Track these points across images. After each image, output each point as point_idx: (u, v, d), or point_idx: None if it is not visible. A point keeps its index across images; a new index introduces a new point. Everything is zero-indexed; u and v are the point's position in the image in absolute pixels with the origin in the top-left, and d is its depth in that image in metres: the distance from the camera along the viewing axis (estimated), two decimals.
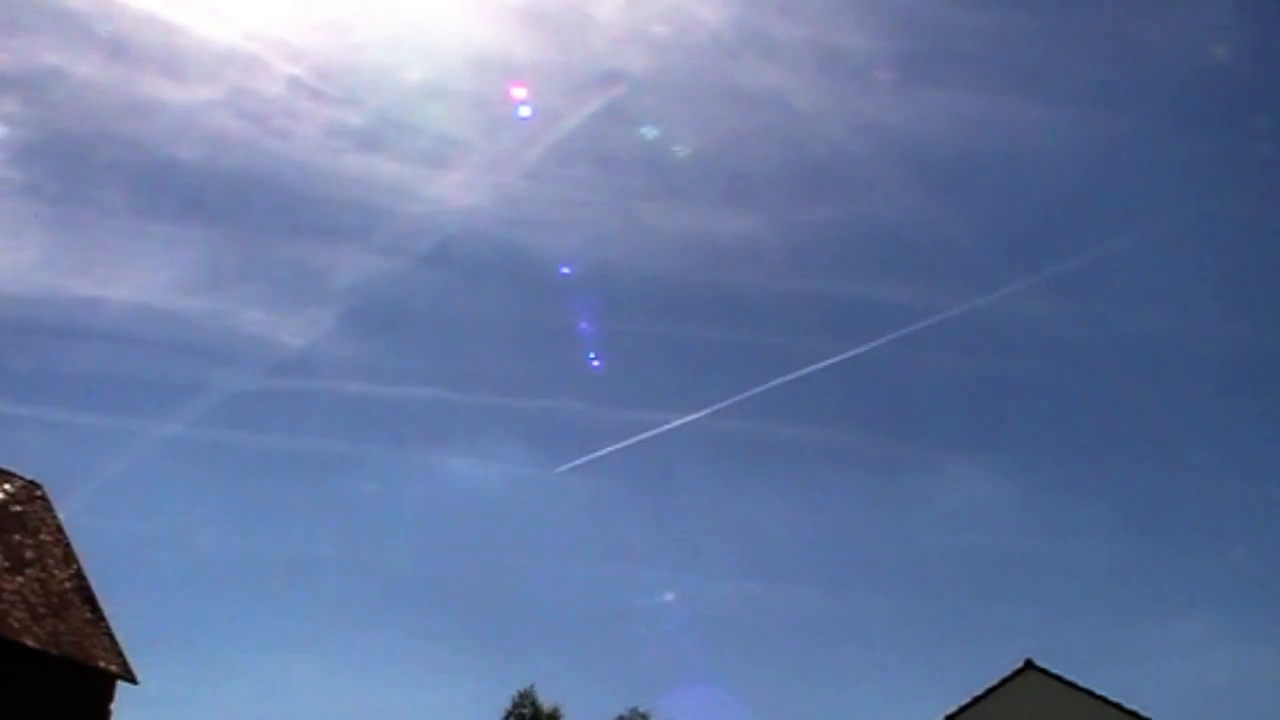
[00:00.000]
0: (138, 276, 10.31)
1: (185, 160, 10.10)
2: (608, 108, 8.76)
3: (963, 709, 11.69)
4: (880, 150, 8.24)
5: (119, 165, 9.60)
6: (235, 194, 9.44)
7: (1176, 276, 8.30)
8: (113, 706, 10.31)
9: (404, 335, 9.50)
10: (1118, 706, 11.24)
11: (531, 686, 13.53)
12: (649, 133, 8.76)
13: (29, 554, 10.24)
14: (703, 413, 9.41)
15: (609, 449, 9.68)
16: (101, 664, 10.03)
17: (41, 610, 9.84)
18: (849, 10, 7.49)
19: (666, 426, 9.49)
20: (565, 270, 9.24)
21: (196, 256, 10.09)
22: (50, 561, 10.32)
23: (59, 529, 10.80)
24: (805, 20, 7.77)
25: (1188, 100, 7.86)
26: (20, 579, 9.83)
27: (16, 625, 9.36)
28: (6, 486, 10.54)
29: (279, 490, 12.43)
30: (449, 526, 10.30)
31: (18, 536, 10.19)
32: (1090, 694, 11.29)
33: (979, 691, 11.89)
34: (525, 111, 8.81)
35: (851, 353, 9.25)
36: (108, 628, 10.46)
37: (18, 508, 10.51)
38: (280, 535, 12.08)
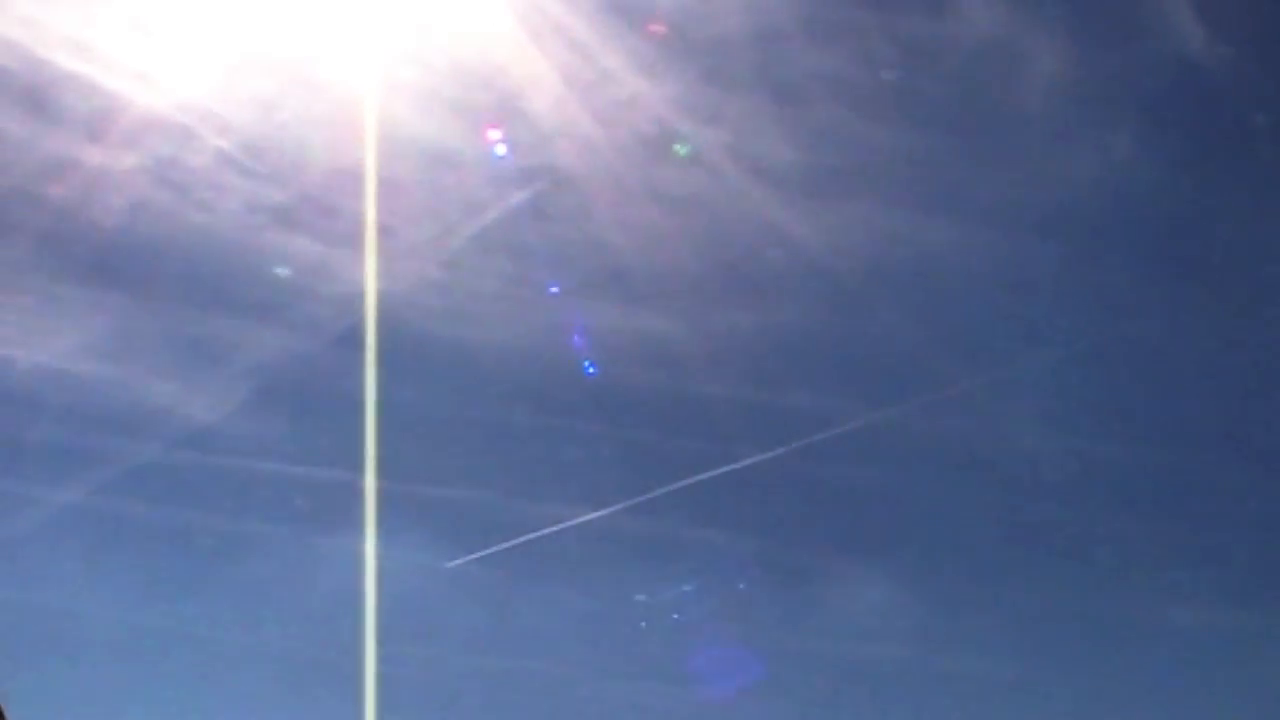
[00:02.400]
0: (43, 339, 10.21)
1: (102, 225, 10.03)
2: (531, 202, 8.81)
3: None
4: (794, 260, 8.32)
5: (30, 224, 9.55)
6: (151, 262, 9.41)
7: (1076, 399, 8.46)
8: None
9: (312, 416, 9.44)
10: None
11: None
12: (569, 229, 8.80)
13: None
14: (607, 511, 9.37)
15: (511, 543, 9.58)
16: None
17: None
18: (771, 121, 7.60)
19: (571, 523, 9.44)
20: (478, 362, 9.16)
21: (106, 323, 10.04)
22: None
23: None
24: (729, 128, 7.87)
25: (1093, 229, 8.07)
26: None
27: None
28: None
29: (175, 566, 12.24)
30: (342, 611, 10.16)
31: None
32: None
33: None
34: (448, 200, 8.84)
35: (757, 458, 9.27)
36: None
37: None
38: (172, 612, 11.89)
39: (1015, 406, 9.21)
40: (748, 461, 9.69)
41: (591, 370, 9.68)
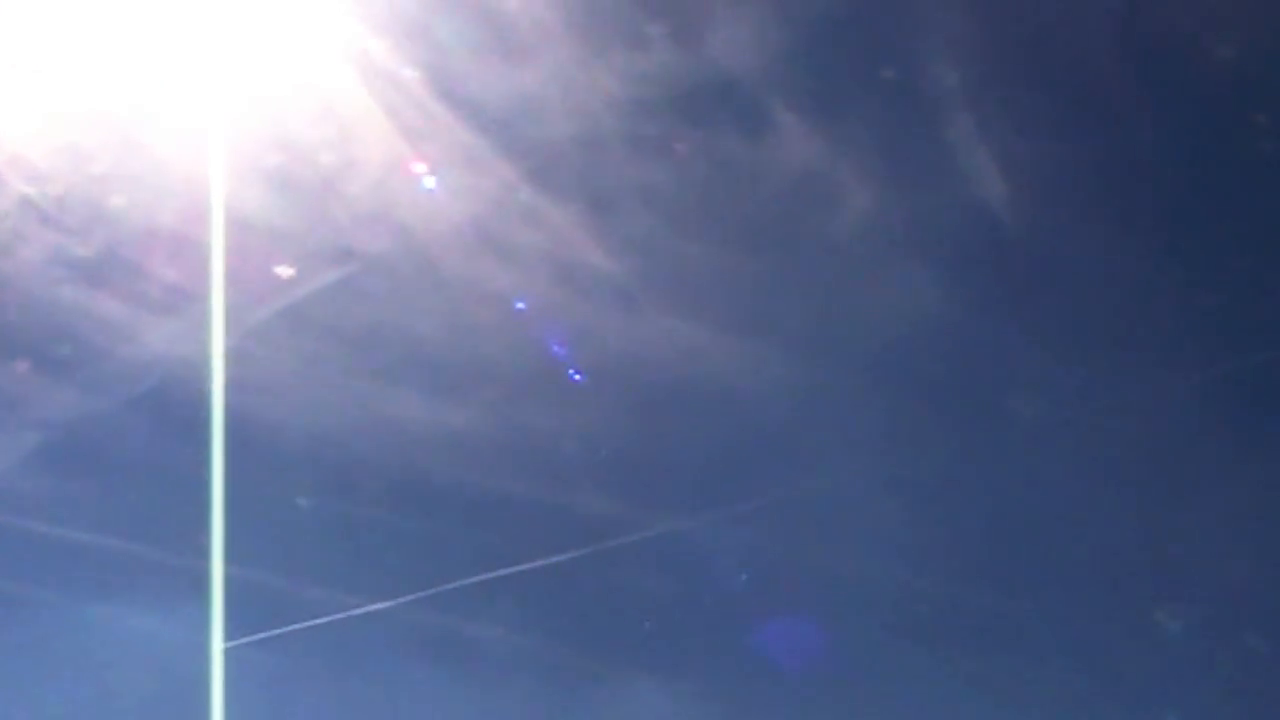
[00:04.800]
0: None
1: None
2: (342, 282, 8.73)
3: None
4: (602, 365, 8.40)
5: None
6: None
7: (864, 523, 8.67)
8: None
9: (98, 479, 9.08)
10: None
11: None
12: (379, 313, 8.74)
13: None
14: (397, 601, 9.20)
15: (294, 627, 9.32)
16: None
17: None
18: (587, 228, 7.70)
19: (357, 611, 9.22)
20: (278, 438, 8.96)
21: None
22: None
23: None
24: (546, 230, 7.96)
25: (891, 361, 8.35)
26: None
27: None
28: None
29: None
30: (111, 686, 9.70)
31: None
32: None
33: None
34: (258, 271, 8.71)
35: (554, 559, 9.23)
36: None
37: None
38: None
39: (805, 526, 9.38)
40: (542, 561, 9.67)
41: (392, 456, 9.59)
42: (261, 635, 10.00)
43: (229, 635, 9.70)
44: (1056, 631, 9.84)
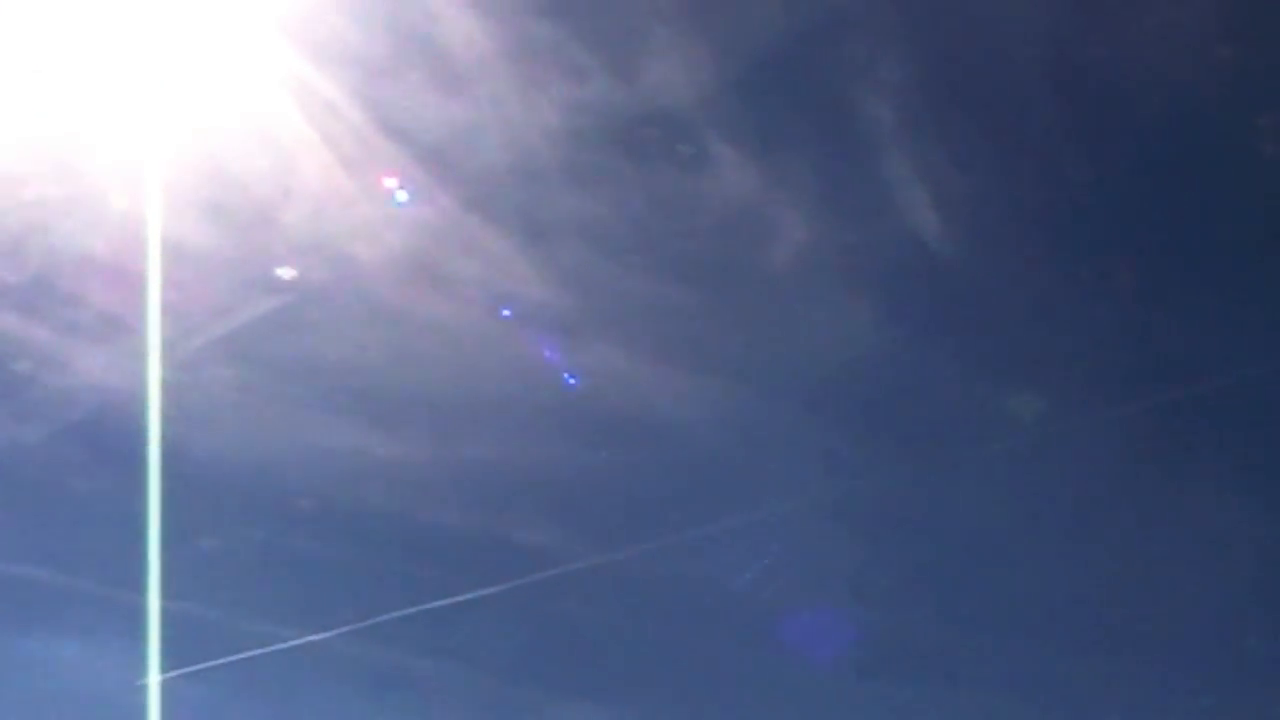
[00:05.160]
0: None
1: None
2: (277, 311, 8.67)
3: None
4: (539, 395, 8.38)
5: None
6: None
7: (803, 555, 8.70)
8: None
9: (25, 510, 8.93)
10: None
11: None
12: (314, 343, 8.68)
13: None
14: (334, 633, 9.11)
15: (229, 659, 9.20)
16: None
17: None
18: (524, 261, 7.69)
19: (289, 643, 9.13)
20: (206, 470, 8.84)
21: None
22: None
23: None
24: (482, 261, 7.94)
25: (830, 393, 8.39)
26: None
27: None
28: None
29: None
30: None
31: None
32: None
33: None
34: (191, 300, 8.64)
35: (490, 590, 9.20)
36: None
37: None
38: None
39: (741, 556, 9.41)
40: (479, 592, 9.63)
41: (328, 487, 9.52)
42: (195, 668, 9.88)
43: (162, 668, 9.57)
44: (994, 661, 9.91)
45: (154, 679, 9.69)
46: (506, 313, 8.45)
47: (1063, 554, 9.40)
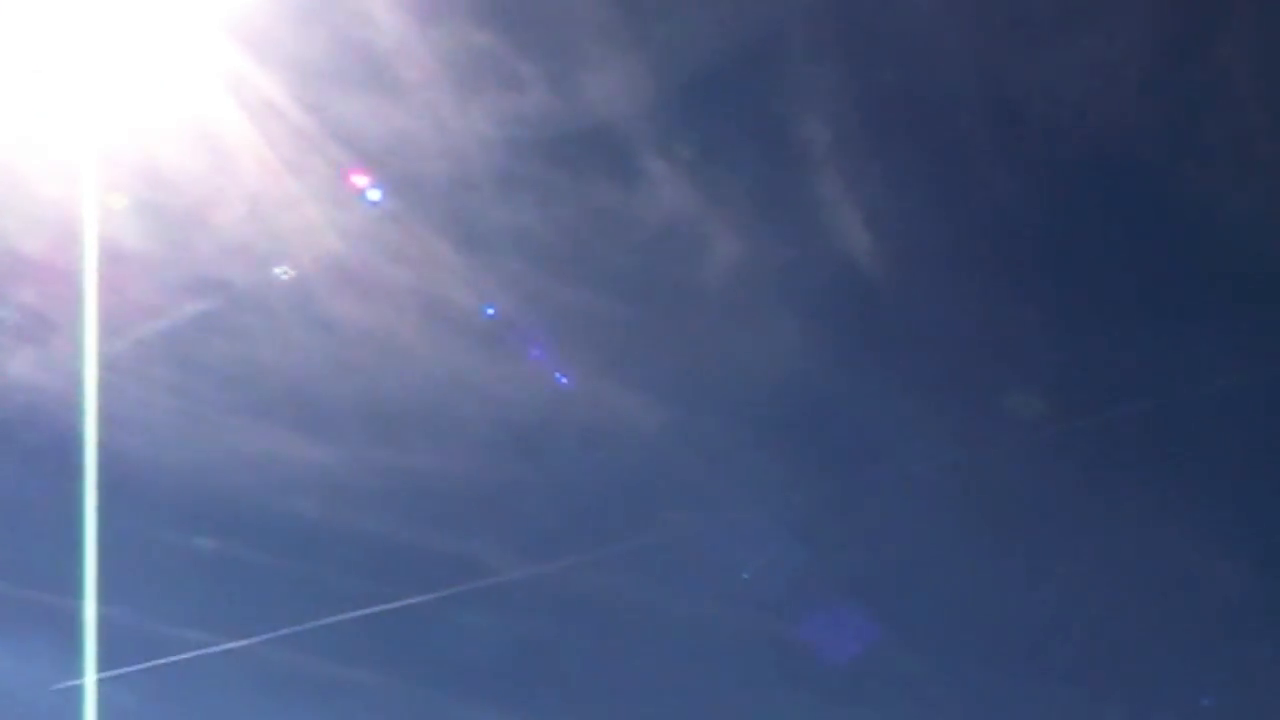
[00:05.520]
0: None
1: None
2: (204, 315, 8.62)
3: None
4: (469, 404, 8.37)
5: None
6: None
7: (731, 569, 8.75)
8: None
9: None
10: None
11: None
12: (240, 348, 8.63)
13: None
14: (253, 640, 9.04)
15: (152, 664, 9.10)
16: None
17: None
18: (456, 267, 7.69)
19: (211, 649, 9.04)
20: (131, 472, 8.75)
21: None
22: None
23: None
24: (412, 267, 7.95)
25: (758, 409, 8.46)
26: None
27: None
28: None
29: None
30: None
31: None
32: None
33: None
34: (119, 302, 8.57)
35: (412, 600, 9.17)
36: None
37: None
38: None
39: (665, 571, 9.44)
40: (404, 602, 9.61)
41: (260, 493, 9.47)
42: (117, 672, 9.79)
43: (84, 672, 9.47)
44: (911, 680, 9.99)
45: (76, 682, 9.59)
46: (440, 321, 8.46)
47: (986, 567, 9.50)
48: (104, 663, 9.75)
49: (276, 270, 8.29)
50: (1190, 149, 7.92)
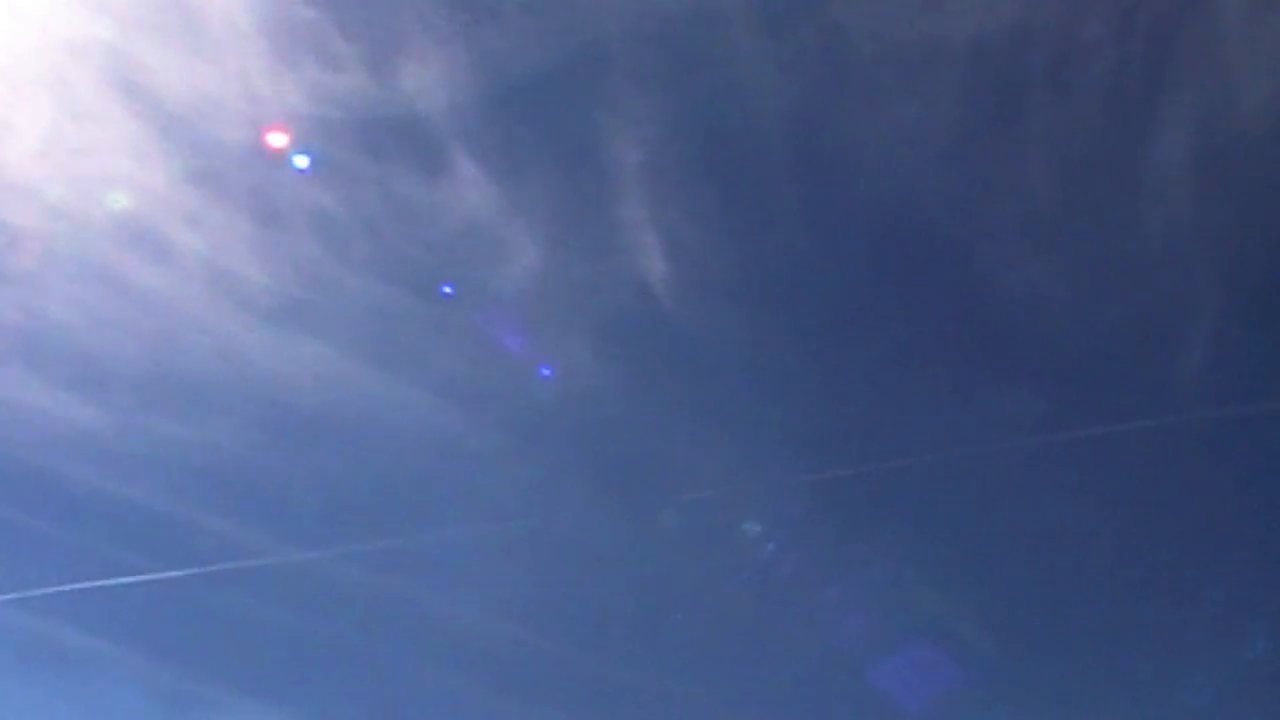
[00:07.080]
0: None
1: None
2: None
3: None
4: (242, 380, 8.16)
5: None
6: None
7: (492, 577, 8.70)
8: None
9: None
10: None
11: None
12: (16, 293, 8.29)
13: None
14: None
15: None
16: None
17: None
18: (250, 240, 7.52)
19: None
20: None
21: None
22: None
23: None
24: (204, 235, 7.73)
25: (536, 421, 8.46)
26: None
27: None
28: None
29: None
30: None
31: None
32: None
33: None
34: None
35: (164, 575, 8.90)
36: None
37: None
38: None
39: (426, 572, 9.37)
40: (155, 576, 9.35)
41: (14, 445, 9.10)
42: None
43: None
44: (671, 705, 10.07)
45: None
46: (227, 293, 8.27)
47: (730, 600, 9.63)
48: None
49: (62, 219, 8.00)
50: (981, 223, 8.20)
